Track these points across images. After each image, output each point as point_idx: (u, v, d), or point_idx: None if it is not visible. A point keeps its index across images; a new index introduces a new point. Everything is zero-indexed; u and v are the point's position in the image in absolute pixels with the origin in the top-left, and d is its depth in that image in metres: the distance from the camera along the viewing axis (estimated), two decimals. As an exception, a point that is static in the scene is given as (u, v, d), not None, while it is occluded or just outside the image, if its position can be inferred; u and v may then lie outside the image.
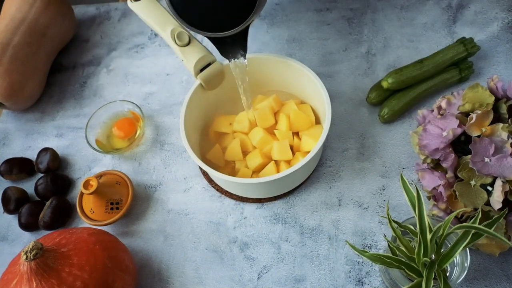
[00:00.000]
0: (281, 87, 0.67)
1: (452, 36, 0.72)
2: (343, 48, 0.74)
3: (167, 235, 0.62)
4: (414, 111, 0.66)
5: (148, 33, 0.81)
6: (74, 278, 0.47)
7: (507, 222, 0.49)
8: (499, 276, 0.54)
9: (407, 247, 0.45)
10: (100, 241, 0.52)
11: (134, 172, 0.67)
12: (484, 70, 0.68)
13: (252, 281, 0.57)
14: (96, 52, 0.81)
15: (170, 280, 0.58)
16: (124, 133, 0.69)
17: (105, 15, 0.85)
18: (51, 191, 0.65)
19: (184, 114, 0.59)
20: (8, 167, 0.68)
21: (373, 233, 0.58)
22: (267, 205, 0.62)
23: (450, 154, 0.51)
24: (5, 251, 0.64)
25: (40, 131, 0.74)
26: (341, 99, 0.69)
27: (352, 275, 0.56)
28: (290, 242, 0.59)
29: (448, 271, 0.49)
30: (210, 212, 0.62)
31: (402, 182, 0.47)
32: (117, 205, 0.62)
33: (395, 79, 0.63)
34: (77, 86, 0.78)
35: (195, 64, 0.57)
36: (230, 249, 0.59)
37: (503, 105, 0.52)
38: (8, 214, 0.66)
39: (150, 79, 0.76)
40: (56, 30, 0.76)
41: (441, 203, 0.52)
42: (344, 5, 0.78)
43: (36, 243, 0.46)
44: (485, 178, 0.49)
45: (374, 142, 0.65)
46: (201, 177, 0.65)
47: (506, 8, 0.73)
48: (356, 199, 0.61)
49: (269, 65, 0.64)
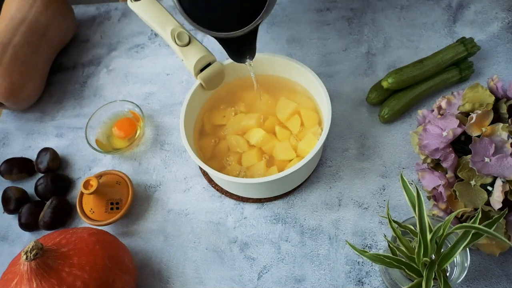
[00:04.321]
0: (281, 87, 0.67)
1: (452, 36, 0.72)
2: (343, 48, 0.74)
3: (167, 235, 0.62)
4: (414, 111, 0.66)
5: (148, 33, 0.81)
6: (74, 278, 0.47)
7: (507, 222, 0.49)
8: (499, 276, 0.54)
9: (407, 247, 0.45)
10: (100, 241, 0.52)
11: (134, 172, 0.67)
12: (484, 70, 0.68)
13: (252, 281, 0.57)
14: (96, 52, 0.81)
15: (170, 280, 0.58)
16: (124, 133, 0.69)
17: (105, 15, 0.85)
18: (51, 191, 0.65)
19: (184, 114, 0.59)
20: (8, 167, 0.68)
21: (373, 233, 0.58)
22: (267, 205, 0.62)
23: (450, 154, 0.51)
24: (5, 251, 0.64)
25: (40, 131, 0.74)
26: (341, 99, 0.69)
27: (352, 275, 0.56)
28: (290, 242, 0.59)
29: (448, 271, 0.48)
30: (210, 212, 0.62)
31: (402, 182, 0.47)
32: (117, 205, 0.62)
33: (395, 79, 0.63)
34: (77, 86, 0.78)
35: (195, 64, 0.57)
36: (230, 249, 0.59)
37: (503, 105, 0.52)
38: (8, 214, 0.66)
39: (150, 79, 0.76)
40: (56, 30, 0.76)
41: (441, 203, 0.52)
42: (344, 5, 0.78)
43: (36, 243, 0.46)
44: (485, 178, 0.49)
45: (374, 142, 0.65)
46: (201, 177, 0.65)
47: (506, 8, 0.73)
48: (356, 199, 0.61)
49: (269, 65, 0.64)
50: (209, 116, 0.65)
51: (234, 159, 0.61)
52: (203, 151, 0.62)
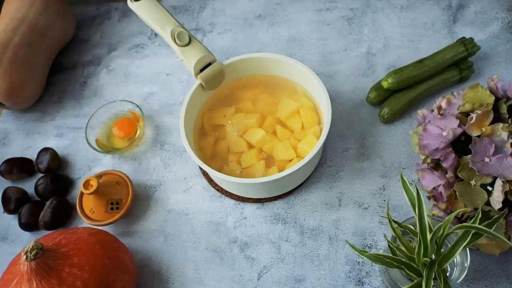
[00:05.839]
0: (281, 87, 0.67)
1: (452, 36, 0.72)
2: (343, 48, 0.74)
3: (167, 235, 0.62)
4: (414, 111, 0.66)
5: (148, 33, 0.81)
6: (74, 278, 0.47)
7: (507, 222, 0.49)
8: (499, 276, 0.54)
9: (407, 247, 0.45)
10: (100, 241, 0.52)
11: (134, 172, 0.67)
12: (484, 70, 0.68)
13: (252, 281, 0.57)
14: (96, 52, 0.81)
15: (170, 280, 0.58)
16: (124, 133, 0.69)
17: (105, 15, 0.85)
18: (51, 191, 0.65)
19: (184, 114, 0.59)
20: (8, 167, 0.68)
21: (373, 233, 0.58)
22: (267, 205, 0.62)
23: (450, 154, 0.51)
24: (5, 251, 0.64)
25: (40, 131, 0.74)
26: (341, 99, 0.69)
27: (352, 275, 0.56)
28: (290, 242, 0.59)
29: (448, 271, 0.49)
30: (210, 212, 0.62)
31: (402, 182, 0.47)
32: (117, 205, 0.62)
33: (395, 79, 0.63)
34: (77, 86, 0.78)
35: (195, 64, 0.57)
36: (230, 249, 0.59)
37: (503, 105, 0.52)
38: (8, 214, 0.66)
39: (150, 79, 0.76)
40: (56, 30, 0.76)
41: (441, 203, 0.52)
42: (344, 5, 0.78)
43: (36, 243, 0.46)
44: (485, 178, 0.49)
45: (374, 142, 0.65)
46: (201, 177, 0.65)
47: (506, 8, 0.73)
48: (356, 199, 0.61)
49: (269, 65, 0.64)
50: (209, 116, 0.65)
51: (234, 159, 0.61)
52: (203, 151, 0.62)
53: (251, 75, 0.66)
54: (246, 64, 0.63)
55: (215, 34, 0.79)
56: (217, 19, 0.81)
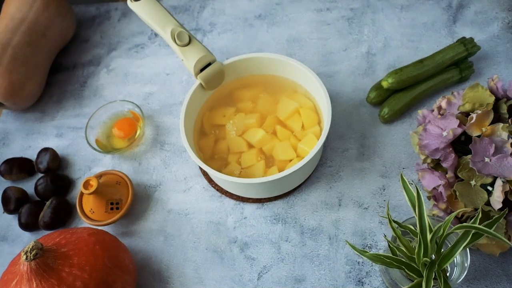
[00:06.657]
0: (281, 87, 0.67)
1: (452, 36, 0.72)
2: (343, 48, 0.74)
3: (167, 235, 0.62)
4: (414, 111, 0.66)
5: (148, 33, 0.81)
6: (74, 278, 0.47)
7: (507, 222, 0.49)
8: (499, 276, 0.54)
9: (407, 247, 0.45)
10: (100, 241, 0.52)
11: (134, 172, 0.67)
12: (484, 70, 0.68)
13: (252, 281, 0.57)
14: (96, 52, 0.81)
15: (170, 280, 0.58)
16: (124, 133, 0.69)
17: (105, 15, 0.85)
18: (51, 191, 0.65)
19: (184, 114, 0.59)
20: (8, 167, 0.68)
21: (373, 233, 0.58)
22: (267, 205, 0.62)
23: (450, 154, 0.51)
24: (5, 251, 0.64)
25: (40, 131, 0.74)
26: (341, 99, 0.69)
27: (352, 275, 0.56)
28: (290, 242, 0.59)
29: (448, 271, 0.49)
30: (210, 212, 0.62)
31: (402, 182, 0.47)
32: (117, 205, 0.62)
33: (395, 79, 0.63)
34: (77, 86, 0.78)
35: (195, 64, 0.57)
36: (230, 249, 0.59)
37: (503, 105, 0.52)
38: (8, 214, 0.66)
39: (150, 79, 0.76)
40: (56, 30, 0.76)
41: (441, 203, 0.52)
42: (344, 5, 0.78)
43: (36, 243, 0.46)
44: (485, 178, 0.49)
45: (374, 142, 0.65)
46: (201, 177, 0.65)
47: (506, 8, 0.73)
48: (356, 199, 0.61)
49: (269, 65, 0.64)
50: (209, 116, 0.65)
51: (234, 159, 0.61)
52: (203, 151, 0.62)
53: (251, 75, 0.66)
54: (246, 64, 0.63)
55: (215, 34, 0.79)
56: (217, 19, 0.81)
